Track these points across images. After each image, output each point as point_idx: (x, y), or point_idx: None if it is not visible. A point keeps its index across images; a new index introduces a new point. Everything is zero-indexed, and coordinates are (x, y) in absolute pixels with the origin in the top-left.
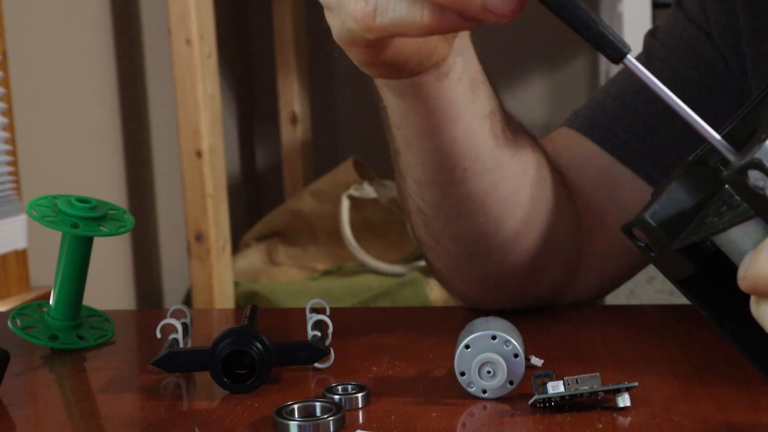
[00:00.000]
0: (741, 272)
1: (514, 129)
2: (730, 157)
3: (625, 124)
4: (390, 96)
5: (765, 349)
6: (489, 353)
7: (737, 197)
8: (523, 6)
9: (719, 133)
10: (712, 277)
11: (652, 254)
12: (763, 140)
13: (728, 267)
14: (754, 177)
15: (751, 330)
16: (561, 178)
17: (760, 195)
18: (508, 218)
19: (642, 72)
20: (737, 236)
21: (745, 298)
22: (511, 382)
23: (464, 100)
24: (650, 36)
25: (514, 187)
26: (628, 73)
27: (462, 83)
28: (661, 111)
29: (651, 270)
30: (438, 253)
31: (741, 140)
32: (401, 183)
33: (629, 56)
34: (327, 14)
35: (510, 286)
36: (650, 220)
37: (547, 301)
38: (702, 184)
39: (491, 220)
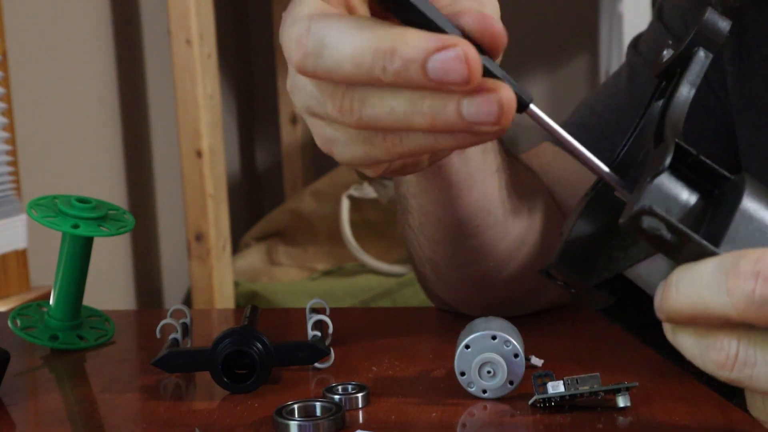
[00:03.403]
0: (656, 304)
1: (516, 168)
2: (623, 194)
3: (609, 143)
4: (410, 176)
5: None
6: (489, 353)
7: None
8: (510, 117)
9: (616, 156)
10: (632, 302)
11: (572, 291)
12: (649, 182)
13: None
14: (648, 221)
15: None
16: (553, 198)
17: (657, 236)
18: (515, 258)
19: (544, 120)
20: (644, 271)
21: None
22: (511, 382)
23: (479, 164)
24: (632, 48)
25: (522, 230)
26: (612, 90)
27: (476, 149)
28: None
29: None
30: (444, 290)
31: (634, 166)
32: (410, 234)
33: (532, 106)
34: (332, 133)
35: (513, 306)
36: (561, 265)
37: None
38: (604, 215)
39: (500, 263)
